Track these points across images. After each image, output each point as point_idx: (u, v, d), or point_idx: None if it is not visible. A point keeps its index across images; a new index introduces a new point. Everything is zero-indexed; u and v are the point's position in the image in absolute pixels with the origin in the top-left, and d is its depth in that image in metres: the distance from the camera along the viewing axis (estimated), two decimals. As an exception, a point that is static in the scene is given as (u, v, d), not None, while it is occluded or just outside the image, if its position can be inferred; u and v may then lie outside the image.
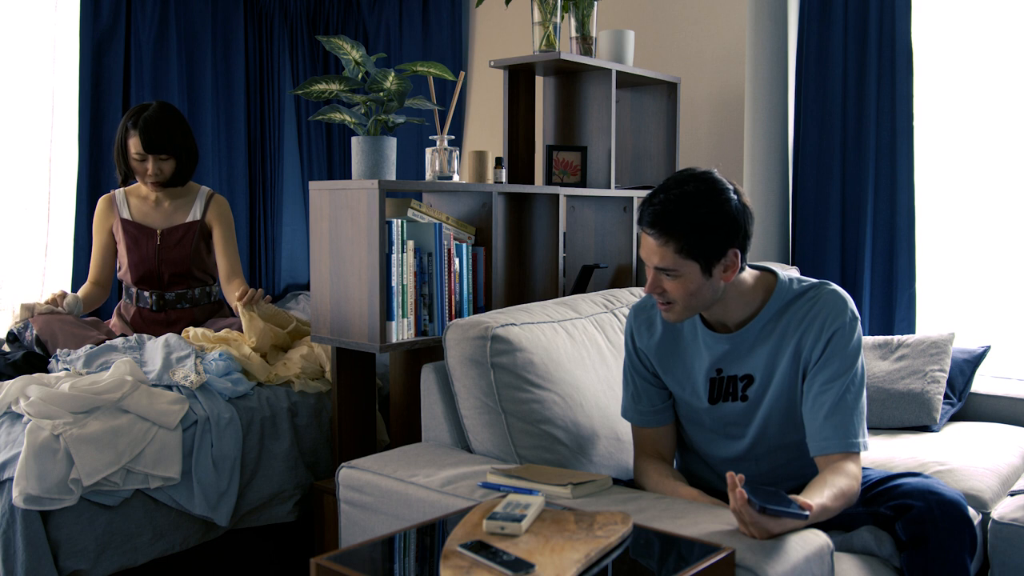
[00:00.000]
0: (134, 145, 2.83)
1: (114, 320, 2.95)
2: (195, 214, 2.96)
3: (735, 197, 1.74)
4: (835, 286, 1.83)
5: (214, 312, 3.02)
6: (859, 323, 1.79)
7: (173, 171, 2.90)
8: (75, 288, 3.38)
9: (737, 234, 1.73)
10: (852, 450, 1.72)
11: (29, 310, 2.72)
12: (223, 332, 2.67)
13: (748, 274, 1.83)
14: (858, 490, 1.71)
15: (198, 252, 2.96)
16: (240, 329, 2.72)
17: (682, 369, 1.91)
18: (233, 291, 2.89)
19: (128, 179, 2.96)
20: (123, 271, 2.96)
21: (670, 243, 1.71)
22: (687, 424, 1.97)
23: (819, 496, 1.60)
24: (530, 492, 1.68)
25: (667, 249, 1.72)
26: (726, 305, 1.81)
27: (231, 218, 3.03)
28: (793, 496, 1.56)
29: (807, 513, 1.51)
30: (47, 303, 2.77)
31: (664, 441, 1.96)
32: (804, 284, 1.84)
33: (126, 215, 2.95)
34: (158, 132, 2.82)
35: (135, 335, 2.63)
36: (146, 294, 2.92)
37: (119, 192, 2.99)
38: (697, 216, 1.70)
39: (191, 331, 2.67)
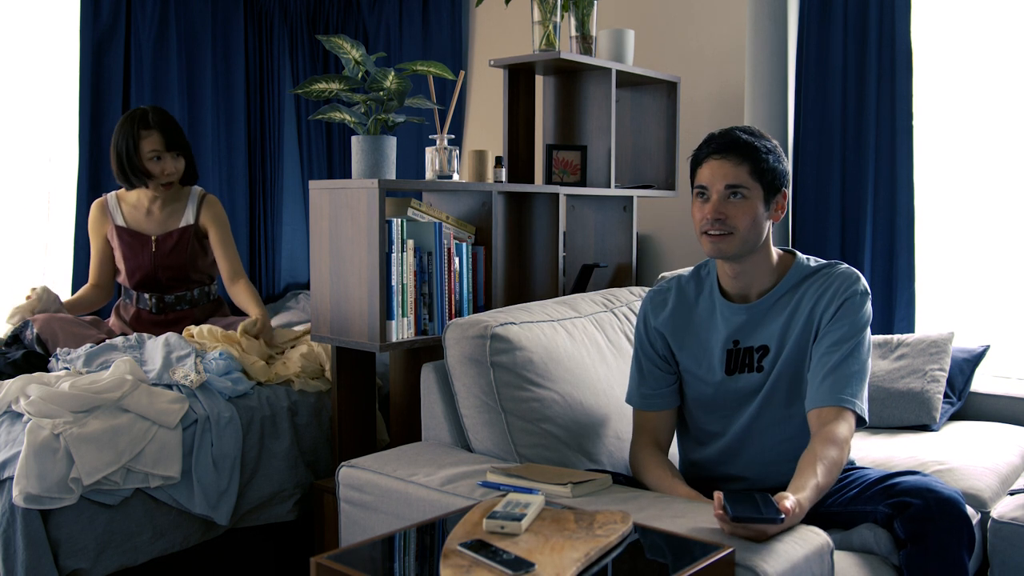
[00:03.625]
0: (150, 143, 2.80)
1: (113, 319, 2.95)
2: (188, 218, 2.94)
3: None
4: (848, 265, 1.92)
5: (214, 311, 3.01)
6: (869, 300, 1.86)
7: (184, 170, 2.90)
8: (76, 287, 3.38)
9: (787, 177, 1.89)
10: (846, 406, 1.75)
11: (19, 312, 2.72)
12: (229, 333, 2.66)
13: (774, 249, 1.92)
14: (847, 455, 1.75)
15: (194, 256, 2.94)
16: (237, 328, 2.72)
17: (697, 343, 1.95)
18: (239, 293, 2.87)
19: (134, 186, 2.89)
20: (121, 276, 2.95)
21: (745, 163, 1.82)
22: (694, 407, 1.99)
23: (812, 477, 1.64)
24: (530, 491, 1.69)
25: (741, 169, 1.82)
26: (758, 266, 1.89)
27: (225, 217, 3.00)
28: (779, 495, 1.56)
29: (783, 517, 1.51)
30: (28, 300, 2.76)
31: (663, 427, 2.00)
32: (820, 263, 1.93)
33: (120, 222, 2.93)
34: (175, 130, 2.85)
35: (135, 334, 2.63)
36: (146, 296, 2.91)
37: (111, 197, 2.97)
38: (767, 145, 1.85)
39: (194, 329, 2.66)
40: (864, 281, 1.87)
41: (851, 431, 1.76)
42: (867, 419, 1.79)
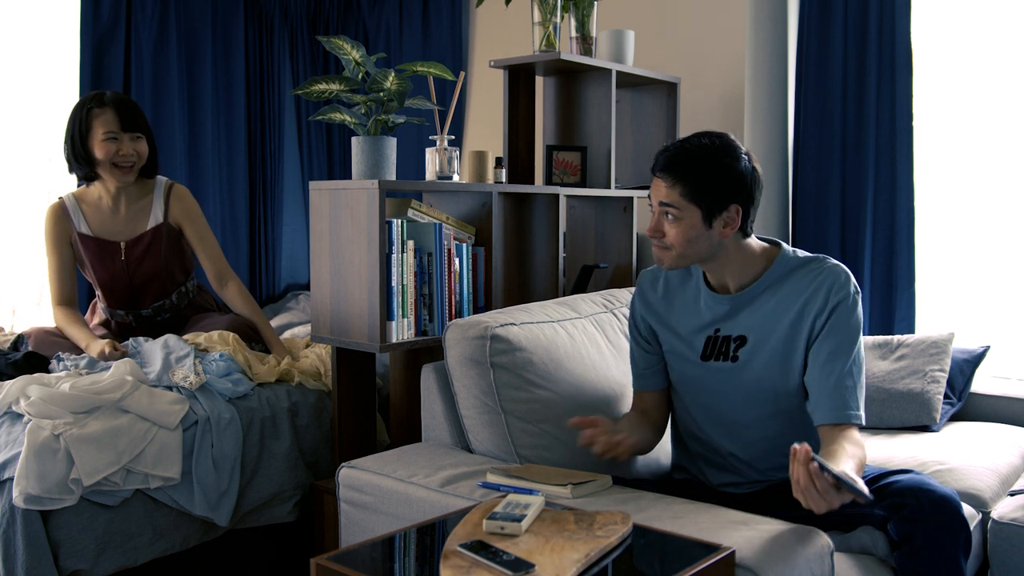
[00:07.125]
0: (104, 124, 2.58)
1: (89, 318, 2.82)
2: (157, 216, 2.72)
3: (746, 158, 1.83)
4: (836, 260, 1.89)
5: (198, 309, 2.89)
6: (860, 300, 1.85)
7: (147, 155, 2.68)
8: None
9: (741, 192, 1.81)
10: (854, 422, 1.77)
11: None
12: (236, 338, 2.64)
13: (755, 242, 1.90)
14: (866, 455, 1.77)
15: (170, 257, 2.74)
16: (227, 326, 2.69)
17: (681, 326, 1.97)
18: (233, 300, 2.79)
19: (90, 176, 2.67)
20: (92, 283, 2.76)
21: (677, 185, 1.81)
22: (680, 388, 2.01)
23: (848, 459, 1.65)
24: (530, 492, 1.69)
25: (673, 191, 1.81)
26: (729, 265, 1.88)
27: (198, 209, 2.79)
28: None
29: (871, 497, 1.52)
30: None
31: (653, 406, 2.05)
32: (807, 256, 1.92)
33: (84, 229, 2.68)
34: (132, 109, 2.64)
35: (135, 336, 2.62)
36: (121, 313, 2.77)
37: (68, 199, 2.70)
38: (706, 165, 1.81)
39: (197, 337, 2.64)
40: (853, 280, 1.86)
41: (862, 438, 1.78)
42: (864, 424, 1.81)
